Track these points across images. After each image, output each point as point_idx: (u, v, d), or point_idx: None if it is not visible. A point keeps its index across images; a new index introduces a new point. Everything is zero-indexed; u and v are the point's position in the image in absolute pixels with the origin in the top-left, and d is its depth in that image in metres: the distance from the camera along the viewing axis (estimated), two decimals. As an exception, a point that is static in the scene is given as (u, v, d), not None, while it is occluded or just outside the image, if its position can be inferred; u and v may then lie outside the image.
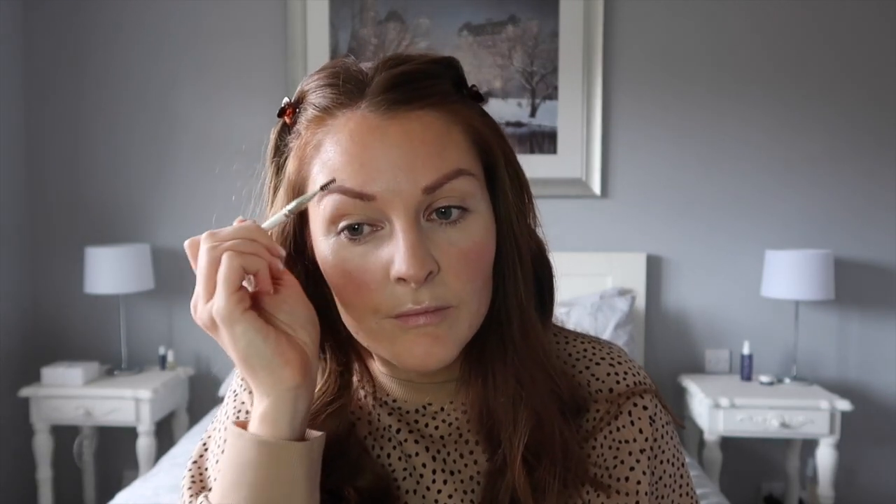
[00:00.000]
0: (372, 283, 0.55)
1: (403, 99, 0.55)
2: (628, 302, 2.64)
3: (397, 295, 0.54)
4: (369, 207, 0.54)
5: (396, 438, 0.64)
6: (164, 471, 2.11)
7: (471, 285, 0.56)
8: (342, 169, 0.54)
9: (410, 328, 0.55)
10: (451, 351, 0.56)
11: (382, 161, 0.53)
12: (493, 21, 2.76)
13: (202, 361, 2.88)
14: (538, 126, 2.78)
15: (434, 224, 0.55)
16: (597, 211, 2.80)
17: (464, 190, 0.55)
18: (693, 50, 2.76)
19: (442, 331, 0.55)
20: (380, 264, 0.55)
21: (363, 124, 0.55)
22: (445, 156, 0.55)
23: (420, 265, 0.53)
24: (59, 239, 2.87)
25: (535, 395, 0.59)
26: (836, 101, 2.74)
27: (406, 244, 0.53)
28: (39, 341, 2.88)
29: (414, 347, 0.55)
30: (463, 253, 0.55)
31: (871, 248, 2.76)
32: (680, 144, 2.78)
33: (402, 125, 0.54)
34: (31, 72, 2.84)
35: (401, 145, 0.54)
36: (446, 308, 0.55)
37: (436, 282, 0.55)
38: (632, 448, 0.64)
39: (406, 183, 0.53)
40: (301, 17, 2.76)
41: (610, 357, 0.67)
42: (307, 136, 0.58)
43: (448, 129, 0.56)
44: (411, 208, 0.54)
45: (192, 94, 2.83)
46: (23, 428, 2.67)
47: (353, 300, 0.56)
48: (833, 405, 2.45)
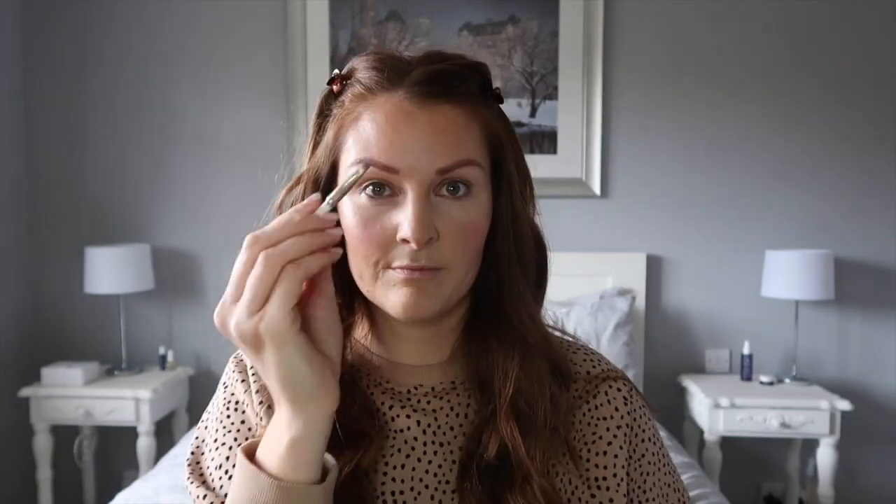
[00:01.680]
0: (381, 237, 0.63)
1: (435, 93, 0.64)
2: (628, 302, 2.64)
3: (399, 251, 0.63)
4: (392, 178, 0.63)
5: (389, 414, 0.70)
6: (164, 471, 2.11)
7: (461, 254, 0.65)
8: (375, 143, 0.63)
9: (404, 279, 0.63)
10: (435, 305, 0.65)
11: (409, 142, 0.62)
12: (493, 21, 2.76)
13: (202, 361, 2.88)
14: (538, 126, 2.78)
15: (441, 199, 0.64)
16: (597, 211, 2.80)
17: (471, 176, 0.64)
18: (693, 50, 2.76)
19: (431, 287, 0.64)
20: (390, 224, 0.63)
21: (398, 108, 0.63)
22: (461, 146, 0.64)
23: (423, 231, 0.61)
24: (59, 239, 2.87)
25: (527, 352, 0.68)
26: (836, 101, 2.74)
27: (414, 212, 0.62)
28: (39, 341, 2.88)
29: (405, 297, 0.63)
30: (460, 226, 0.64)
31: (871, 248, 2.76)
32: (680, 144, 2.78)
33: (430, 115, 0.63)
34: (31, 72, 2.84)
35: (426, 131, 0.63)
36: (437, 269, 0.64)
37: (433, 246, 0.63)
38: (609, 424, 0.71)
39: (425, 163, 0.62)
40: (301, 17, 2.76)
41: (585, 349, 0.77)
42: (350, 106, 0.66)
43: (467, 125, 0.65)
44: (424, 183, 0.62)
45: (192, 94, 2.83)
46: (23, 428, 2.67)
47: (363, 249, 0.64)
48: (833, 405, 2.45)
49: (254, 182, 2.77)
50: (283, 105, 2.80)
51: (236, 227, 3.10)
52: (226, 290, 0.56)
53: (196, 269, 2.88)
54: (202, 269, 2.88)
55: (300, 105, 2.77)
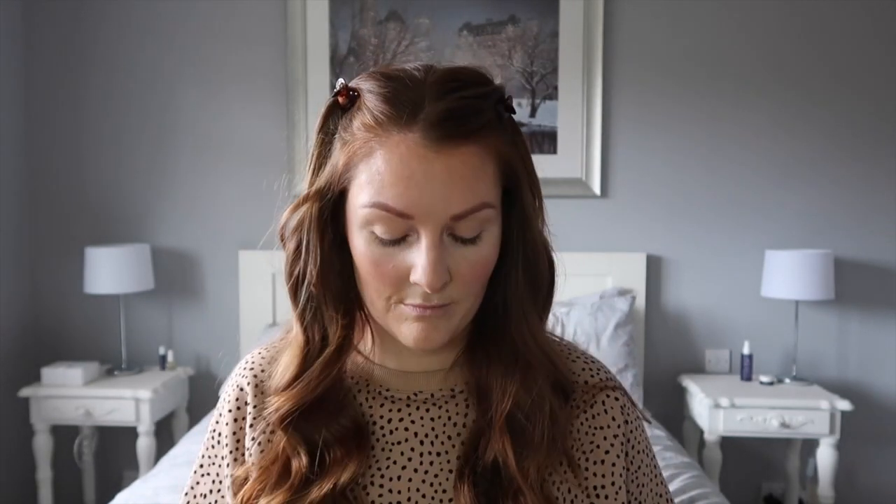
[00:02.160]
0: (394, 277, 0.64)
1: (450, 136, 0.61)
2: (628, 302, 2.64)
3: (412, 291, 0.64)
4: (404, 223, 0.62)
5: (388, 427, 0.70)
6: (164, 471, 2.11)
7: (472, 290, 0.66)
8: (389, 187, 0.61)
9: (416, 316, 0.64)
10: (445, 337, 0.66)
11: (425, 188, 0.61)
12: (493, 21, 2.76)
13: (202, 361, 2.88)
14: (538, 126, 2.78)
15: (453, 241, 0.64)
16: (597, 211, 2.80)
17: (484, 219, 0.64)
18: (693, 50, 2.76)
19: (441, 322, 0.65)
20: (403, 265, 0.63)
21: (413, 151, 0.61)
22: (476, 190, 0.62)
23: (438, 279, 0.62)
24: (59, 239, 2.87)
25: (528, 370, 0.68)
26: (836, 101, 2.74)
27: (429, 260, 0.62)
28: (39, 341, 2.88)
29: (416, 332, 0.65)
30: (471, 267, 0.64)
31: (871, 248, 2.76)
32: (680, 144, 2.78)
33: (446, 161, 0.61)
34: (32, 72, 2.84)
35: (442, 178, 0.61)
36: (448, 305, 0.65)
37: (446, 287, 0.64)
38: (606, 434, 0.73)
39: (440, 209, 0.61)
40: (301, 17, 2.76)
41: (584, 357, 0.77)
42: (361, 137, 0.63)
43: (482, 164, 0.63)
44: (438, 229, 0.62)
45: (192, 94, 2.83)
46: (23, 428, 2.67)
47: (374, 284, 0.65)
48: (833, 405, 2.45)
49: (254, 182, 2.77)
50: (283, 105, 2.80)
51: (236, 227, 3.12)
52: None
53: (196, 269, 2.88)
54: (202, 269, 2.88)
55: (300, 105, 2.77)
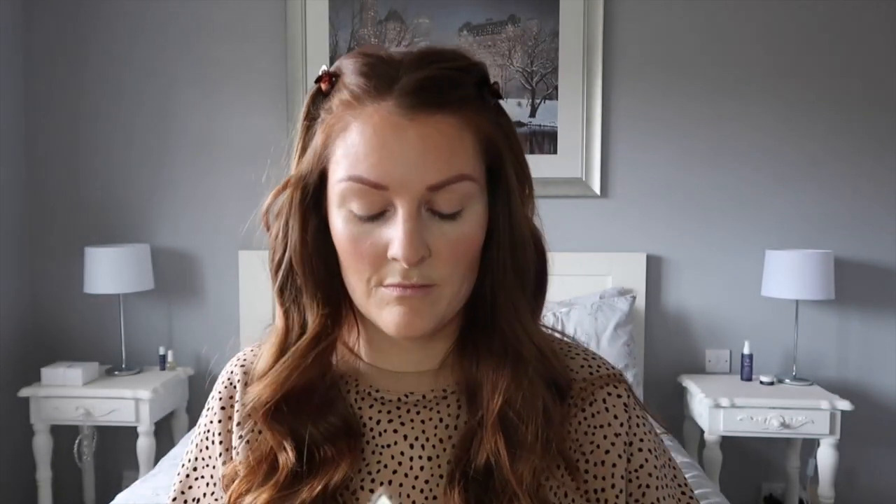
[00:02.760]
0: (371, 255, 0.61)
1: (425, 103, 0.60)
2: (628, 302, 2.64)
3: (391, 269, 0.61)
4: (380, 195, 0.60)
5: (377, 429, 0.68)
6: (163, 471, 2.12)
7: (455, 270, 0.62)
8: (363, 158, 0.60)
9: (396, 297, 0.62)
10: (429, 323, 0.63)
11: (398, 158, 0.59)
12: (493, 21, 2.76)
13: (202, 361, 2.88)
14: (538, 126, 2.78)
15: (432, 215, 0.61)
16: (597, 211, 2.80)
17: (463, 192, 0.61)
18: (693, 50, 2.76)
19: (424, 305, 0.62)
20: (380, 242, 0.61)
21: (387, 120, 0.60)
22: (453, 161, 0.60)
23: (414, 251, 0.59)
24: (59, 239, 2.87)
25: (519, 364, 0.65)
26: (836, 101, 2.74)
27: (405, 232, 0.59)
28: (39, 341, 2.88)
29: (398, 317, 0.62)
30: (452, 243, 0.62)
31: (871, 248, 2.76)
32: (680, 144, 2.78)
33: (420, 129, 0.60)
34: (32, 72, 2.84)
35: (416, 147, 0.59)
36: (430, 286, 0.62)
37: (425, 264, 0.61)
38: (606, 432, 0.69)
39: (415, 180, 0.59)
40: (301, 17, 2.76)
41: (584, 353, 0.74)
42: (338, 113, 0.63)
43: (460, 135, 0.61)
44: (415, 201, 0.60)
45: (191, 94, 2.83)
46: (23, 428, 2.67)
47: (354, 266, 0.63)
48: (833, 405, 2.45)
49: (253, 182, 2.76)
50: (283, 105, 2.80)
51: (236, 227, 3.09)
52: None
53: (196, 269, 2.88)
54: (202, 269, 2.88)
55: (300, 105, 2.75)
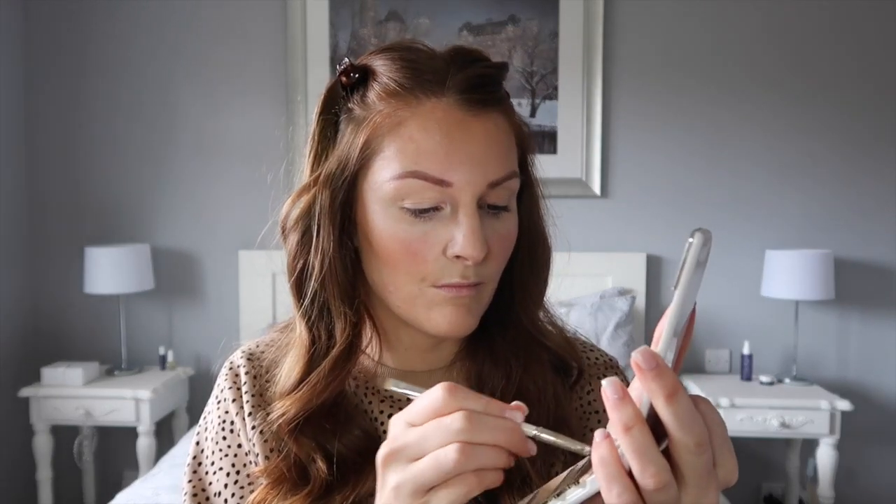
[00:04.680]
0: (428, 254, 0.60)
1: (483, 100, 0.60)
2: (628, 302, 2.64)
3: (448, 268, 0.60)
4: (440, 192, 0.59)
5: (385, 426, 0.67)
6: (163, 471, 2.12)
7: (500, 266, 0.64)
8: (428, 155, 0.59)
9: (451, 298, 0.61)
10: (475, 321, 0.63)
11: (464, 154, 0.59)
12: (493, 21, 2.76)
13: (202, 361, 2.88)
14: (538, 126, 2.77)
15: (484, 213, 0.61)
16: (597, 211, 2.80)
17: (512, 189, 0.63)
18: (693, 49, 2.76)
19: (474, 303, 0.62)
20: (439, 240, 0.60)
21: (450, 116, 0.59)
22: (509, 156, 0.62)
23: (482, 248, 0.59)
24: (59, 239, 2.87)
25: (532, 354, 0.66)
26: (836, 101, 2.74)
27: (472, 229, 0.59)
28: (39, 341, 2.88)
29: (450, 316, 0.61)
30: (502, 240, 0.62)
31: (871, 248, 2.76)
32: (680, 144, 2.78)
33: (483, 124, 0.60)
34: (32, 72, 2.84)
35: (480, 142, 0.59)
36: (481, 284, 0.62)
37: (482, 263, 0.61)
38: (602, 417, 0.69)
39: (479, 175, 0.59)
40: (301, 17, 2.76)
41: (583, 345, 0.75)
42: (383, 109, 0.60)
43: (509, 133, 0.63)
44: (476, 196, 0.60)
45: (192, 94, 2.83)
46: (23, 428, 2.67)
47: (404, 266, 0.61)
48: (833, 405, 2.45)
49: (254, 182, 2.77)
50: (283, 105, 2.79)
51: (236, 227, 3.12)
52: (408, 433, 0.48)
53: (196, 269, 2.88)
54: (202, 269, 2.88)
55: (300, 105, 2.77)
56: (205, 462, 0.70)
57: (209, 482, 0.69)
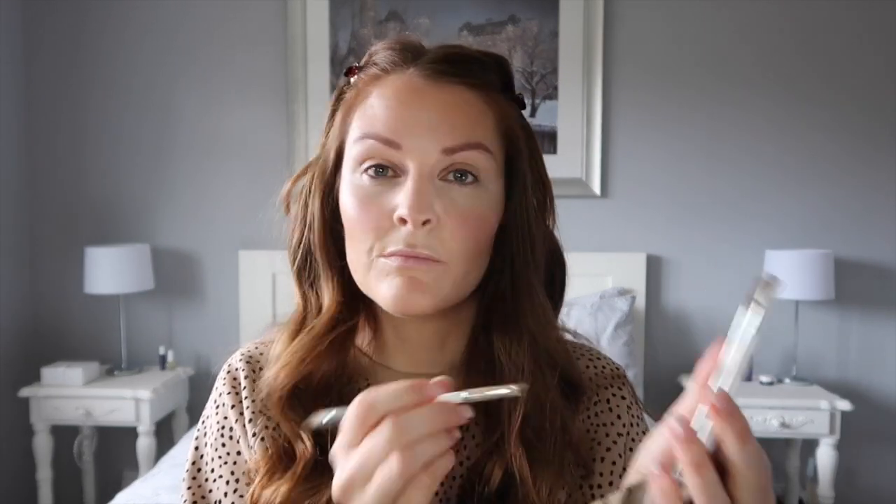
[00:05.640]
0: (378, 219, 0.59)
1: (449, 71, 0.61)
2: (628, 302, 2.64)
3: (395, 235, 0.59)
4: (394, 155, 0.59)
5: None
6: (163, 471, 2.12)
7: (463, 246, 0.60)
8: (380, 119, 0.60)
9: (397, 268, 0.59)
10: (431, 301, 0.60)
11: (415, 118, 0.59)
12: (493, 21, 2.76)
13: (202, 361, 2.88)
14: (538, 126, 2.77)
15: (447, 184, 0.60)
16: (597, 211, 2.80)
17: (479, 162, 0.60)
18: (693, 50, 2.76)
19: (428, 279, 0.59)
20: (389, 205, 0.59)
21: (408, 84, 0.61)
22: (472, 129, 0.60)
23: (419, 209, 0.57)
24: (59, 239, 2.87)
25: (539, 380, 0.63)
26: (837, 101, 2.74)
27: (413, 189, 0.58)
28: (39, 341, 2.88)
29: (397, 289, 0.59)
30: (463, 214, 0.60)
31: (871, 248, 2.76)
32: (680, 144, 2.78)
33: (441, 92, 0.60)
34: (32, 72, 2.84)
35: (435, 108, 0.60)
36: (436, 260, 0.59)
37: (432, 233, 0.59)
38: (609, 431, 0.68)
39: (429, 140, 0.59)
40: (301, 17, 2.76)
41: (589, 353, 0.73)
42: (361, 87, 0.64)
43: (482, 111, 0.62)
44: (427, 163, 0.59)
45: (191, 94, 2.83)
46: (23, 428, 2.67)
47: (358, 233, 0.61)
48: (833, 405, 2.45)
49: (254, 182, 2.78)
50: (283, 105, 2.79)
51: (236, 227, 3.11)
52: (349, 461, 0.48)
53: (196, 269, 2.88)
54: (202, 269, 2.88)
55: (300, 105, 2.77)
56: (204, 469, 0.69)
57: (209, 489, 0.67)
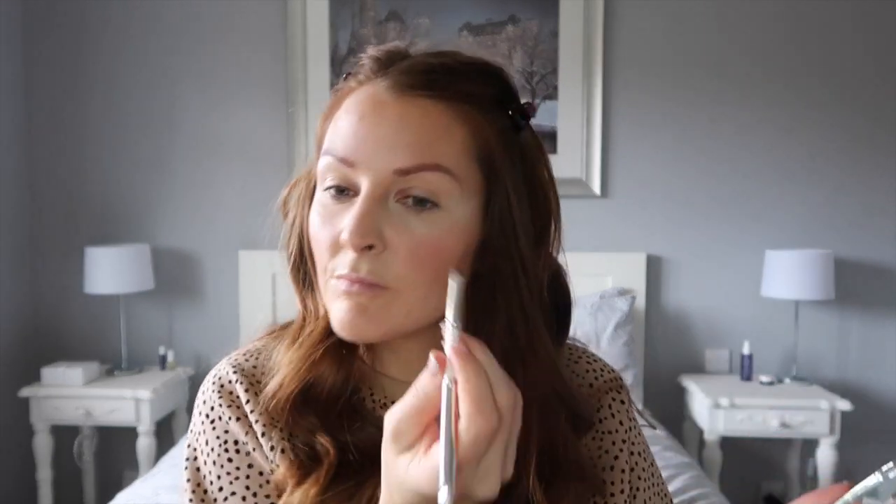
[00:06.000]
0: (330, 239, 0.57)
1: (415, 84, 0.57)
2: (628, 302, 2.64)
3: (343, 258, 0.56)
4: (350, 173, 0.57)
5: None
6: (163, 471, 2.12)
7: (414, 274, 0.56)
8: (340, 135, 0.58)
9: (343, 291, 0.56)
10: (377, 328, 0.57)
11: (372, 135, 0.56)
12: (493, 21, 2.76)
13: (202, 361, 2.88)
14: (538, 126, 2.75)
15: (402, 207, 0.56)
16: (597, 211, 2.80)
17: (436, 185, 0.56)
18: (693, 50, 2.76)
19: (373, 306, 0.56)
20: (338, 226, 0.57)
21: (372, 98, 0.57)
22: (431, 147, 0.56)
23: (359, 234, 0.54)
24: (59, 239, 2.87)
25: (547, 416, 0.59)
26: (837, 102, 2.74)
27: (357, 213, 0.55)
28: (39, 341, 2.88)
29: (342, 313, 0.57)
30: (416, 241, 0.56)
31: (871, 248, 2.76)
32: (680, 144, 2.78)
33: (402, 107, 0.56)
34: (31, 72, 2.84)
35: (392, 125, 0.56)
36: (381, 287, 0.56)
37: (379, 259, 0.56)
38: (614, 438, 0.68)
39: (381, 160, 0.55)
40: (301, 17, 2.76)
41: (586, 356, 0.73)
42: (338, 97, 0.61)
43: (449, 126, 0.57)
44: (379, 184, 0.55)
45: (192, 94, 2.83)
46: (23, 428, 2.67)
47: (316, 251, 0.59)
48: (833, 405, 2.45)
49: (254, 182, 2.78)
50: (283, 105, 2.79)
51: (236, 227, 3.11)
52: (442, 453, 0.46)
53: (196, 269, 2.88)
54: (202, 269, 2.88)
55: (300, 105, 2.77)
56: (211, 489, 0.64)
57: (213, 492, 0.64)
